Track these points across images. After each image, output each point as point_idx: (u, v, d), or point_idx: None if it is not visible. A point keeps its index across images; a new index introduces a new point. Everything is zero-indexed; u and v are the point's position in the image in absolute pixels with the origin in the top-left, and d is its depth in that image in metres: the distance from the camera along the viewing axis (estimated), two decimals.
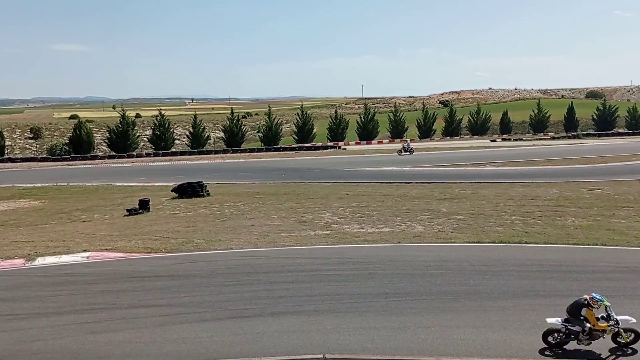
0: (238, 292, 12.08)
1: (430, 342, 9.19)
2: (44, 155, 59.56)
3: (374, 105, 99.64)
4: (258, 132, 73.40)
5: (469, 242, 15.97)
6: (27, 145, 68.23)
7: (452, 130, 72.78)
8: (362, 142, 67.86)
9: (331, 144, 65.66)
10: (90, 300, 11.79)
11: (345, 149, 62.00)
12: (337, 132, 68.84)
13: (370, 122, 70.27)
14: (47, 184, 35.19)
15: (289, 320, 10.33)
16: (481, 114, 74.10)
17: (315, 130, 69.55)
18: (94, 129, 67.53)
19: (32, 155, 60.97)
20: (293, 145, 63.21)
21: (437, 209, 21.03)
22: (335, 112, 73.94)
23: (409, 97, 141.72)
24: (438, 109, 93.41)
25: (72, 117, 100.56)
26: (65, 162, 54.42)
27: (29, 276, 14.00)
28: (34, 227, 20.56)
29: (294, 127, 71.02)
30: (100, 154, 60.80)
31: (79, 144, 59.99)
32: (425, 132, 71.97)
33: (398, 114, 72.71)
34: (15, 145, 66.33)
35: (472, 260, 14.08)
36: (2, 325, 10.56)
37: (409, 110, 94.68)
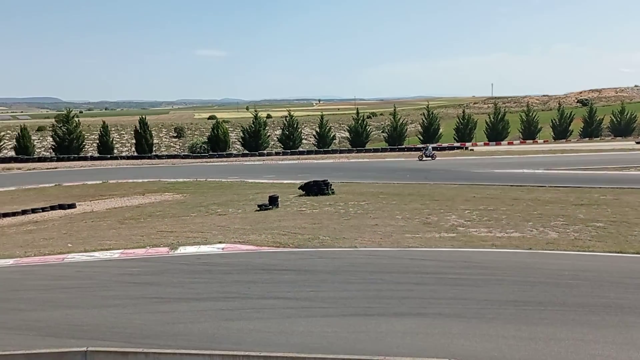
0: (362, 290, 12.23)
1: (564, 355, 8.65)
2: (186, 153, 64.46)
3: (504, 105, 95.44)
4: (382, 132, 73.39)
5: (610, 252, 14.74)
6: (172, 144, 74.19)
7: (591, 131, 67.51)
8: (490, 143, 65.26)
9: (458, 144, 63.91)
10: (224, 289, 12.62)
11: (472, 149, 60.03)
12: (464, 132, 66.88)
13: (500, 122, 67.38)
14: (188, 179, 38.01)
15: (413, 322, 10.27)
16: (625, 114, 67.90)
17: (441, 130, 68.13)
18: (230, 129, 71.69)
19: (176, 153, 66.27)
20: (418, 146, 62.35)
21: (573, 215, 19.68)
22: (463, 111, 71.88)
23: (543, 96, 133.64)
24: (575, 108, 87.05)
25: (211, 117, 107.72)
26: (204, 160, 58.43)
27: (172, 263, 15.28)
28: (177, 219, 22.32)
29: (419, 127, 70.09)
30: (235, 152, 64.41)
31: (216, 143, 64.10)
32: (561, 132, 67.46)
33: (531, 114, 68.93)
34: (161, 143, 72.38)
35: (612, 271, 13.01)
36: (149, 307, 11.67)
37: (542, 110, 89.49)
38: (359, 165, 46.46)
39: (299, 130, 67.70)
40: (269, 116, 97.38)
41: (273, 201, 24.02)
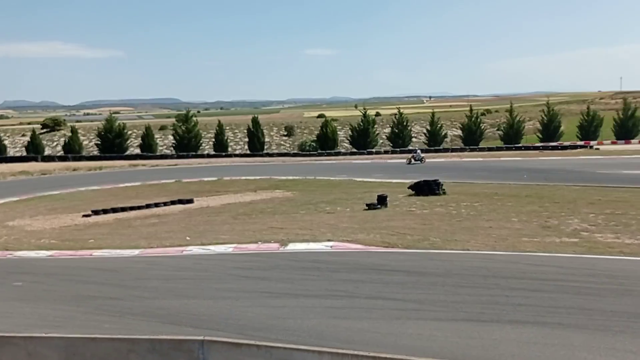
0: (474, 294, 11.72)
1: None
2: (295, 151, 66.04)
3: (635, 100, 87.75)
4: (498, 130, 70.50)
5: None
6: (282, 142, 76.30)
7: None
8: (619, 141, 60.41)
9: (581, 143, 59.90)
10: (333, 287, 12.66)
11: (598, 149, 55.92)
12: (588, 130, 62.56)
13: (630, 119, 62.32)
14: (297, 177, 38.84)
15: (529, 331, 9.65)
16: None
17: (562, 128, 64.15)
18: (338, 127, 72.35)
19: (286, 151, 68.08)
20: (536, 145, 59.20)
21: None
22: (587, 107, 67.28)
23: None
24: None
25: (320, 116, 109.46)
26: (313, 158, 59.48)
27: (282, 259, 15.61)
28: (287, 216, 22.84)
29: (538, 125, 66.47)
30: (343, 150, 64.95)
31: (324, 141, 65.05)
32: None
33: None
34: (272, 141, 74.69)
35: None
36: (261, 301, 11.99)
37: None
38: (471, 165, 44.92)
39: (409, 128, 66.85)
40: (377, 114, 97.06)
41: (382, 200, 23.83)
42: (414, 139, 68.51)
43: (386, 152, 61.79)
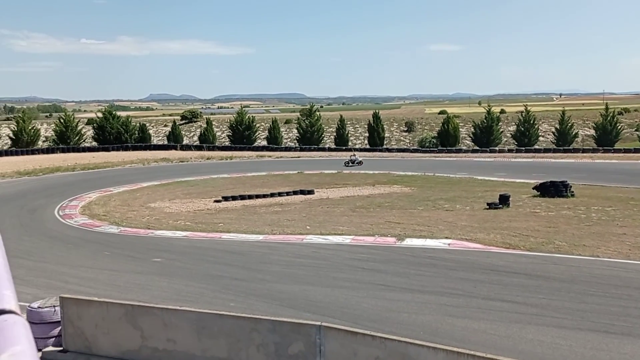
0: (603, 304, 11.03)
1: None
2: (415, 147, 65.31)
3: None
4: (637, 130, 64.70)
5: None
6: (402, 137, 75.76)
7: None
8: None
9: None
10: (449, 285, 12.54)
11: None
12: None
13: None
14: (416, 173, 38.49)
15: None
16: None
17: None
18: (460, 124, 70.41)
19: (405, 147, 67.57)
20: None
21: None
22: None
23: None
24: None
25: (441, 112, 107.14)
26: (433, 154, 58.48)
27: (398, 254, 15.70)
28: (404, 211, 22.82)
29: None
30: (464, 147, 63.14)
31: (445, 138, 63.67)
32: None
33: None
34: (392, 137, 74.43)
35: None
36: (376, 293, 12.20)
37: None
38: (605, 167, 41.69)
39: (536, 126, 63.39)
40: (502, 111, 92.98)
41: (504, 200, 22.98)
42: (541, 138, 64.84)
43: (510, 150, 59.10)
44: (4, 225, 20.73)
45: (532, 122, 62.17)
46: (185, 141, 70.76)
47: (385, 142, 67.66)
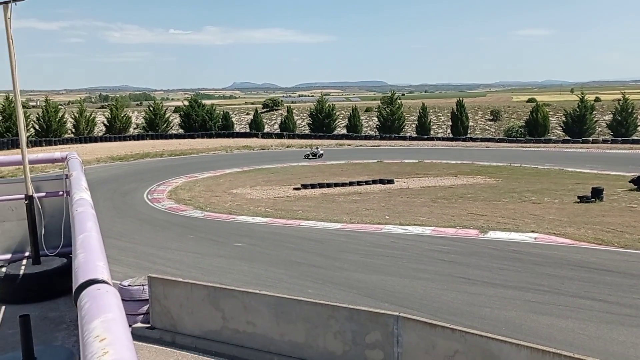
0: None
1: None
2: (501, 137, 63.02)
3: None
4: None
5: None
6: (487, 127, 73.37)
7: None
8: None
9: None
10: (534, 280, 12.00)
11: None
12: None
13: None
14: (501, 164, 37.15)
15: None
16: None
17: None
18: (550, 113, 67.15)
19: (490, 136, 65.37)
20: None
21: None
22: None
23: None
24: None
25: (530, 100, 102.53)
26: (519, 144, 56.16)
27: (481, 247, 15.22)
28: (488, 203, 22.09)
29: None
30: (554, 137, 60.17)
31: (534, 127, 60.94)
32: None
33: None
34: (476, 126, 72.25)
35: None
36: (457, 286, 11.89)
37: None
38: None
39: (635, 115, 59.25)
40: (597, 99, 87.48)
41: (597, 193, 21.67)
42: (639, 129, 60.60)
43: (605, 141, 55.63)
44: (98, 207, 21.98)
45: (630, 111, 58.17)
46: (267, 129, 72.19)
47: (469, 132, 65.77)
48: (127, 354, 0.91)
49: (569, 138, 58.02)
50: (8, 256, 3.51)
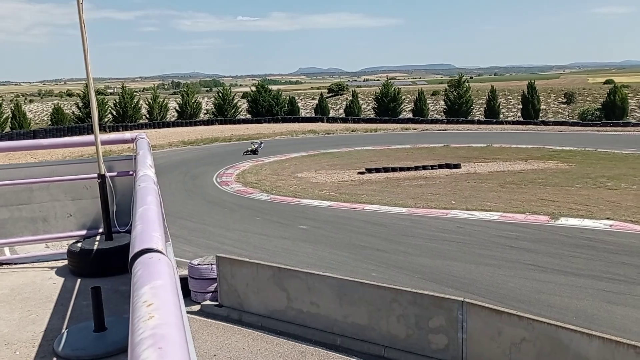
0: None
1: None
2: (575, 120, 60.22)
3: None
4: None
5: None
6: (560, 110, 70.33)
7: None
8: None
9: None
10: (609, 269, 11.49)
11: None
12: None
13: None
14: (575, 148, 35.53)
15: None
16: None
17: None
18: (629, 95, 63.48)
19: (563, 120, 62.60)
20: None
21: None
22: None
23: None
24: None
25: (607, 82, 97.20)
26: (595, 128, 53.47)
27: (551, 233, 14.70)
28: (559, 188, 21.24)
29: None
30: (634, 121, 56.89)
31: (611, 110, 57.83)
32: None
33: None
34: (548, 109, 69.43)
35: None
36: (525, 273, 11.57)
37: None
38: None
39: None
40: None
41: None
42: None
43: None
44: (170, 189, 22.93)
45: None
46: (332, 114, 72.28)
47: (540, 115, 63.28)
48: (172, 319, 0.95)
49: None
50: (83, 232, 3.71)
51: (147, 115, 65.14)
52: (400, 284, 9.83)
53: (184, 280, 10.62)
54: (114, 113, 62.34)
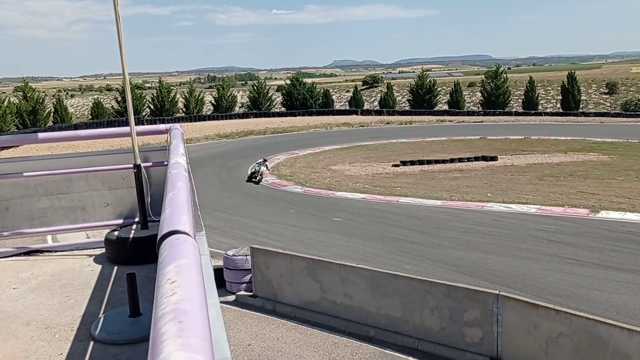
0: None
1: None
2: (617, 111, 58.40)
3: None
4: None
5: None
6: (601, 101, 68.32)
7: None
8: None
9: None
10: None
11: None
12: None
13: None
14: (617, 140, 34.51)
15: None
16: None
17: None
18: None
19: (605, 111, 60.79)
20: None
21: None
22: None
23: None
24: None
25: None
26: (639, 119, 51.80)
27: (591, 227, 14.34)
28: (600, 181, 20.68)
29: None
30: None
31: None
32: None
33: None
34: (589, 100, 67.54)
35: None
36: (563, 266, 11.33)
37: None
38: None
39: None
40: None
41: None
42: None
43: None
44: (206, 181, 23.27)
45: None
46: (366, 106, 71.91)
47: (581, 106, 61.61)
48: (194, 295, 0.97)
49: None
50: (120, 221, 3.80)
51: (184, 109, 66.12)
52: (435, 276, 9.76)
53: (219, 271, 10.78)
54: (152, 107, 63.45)
